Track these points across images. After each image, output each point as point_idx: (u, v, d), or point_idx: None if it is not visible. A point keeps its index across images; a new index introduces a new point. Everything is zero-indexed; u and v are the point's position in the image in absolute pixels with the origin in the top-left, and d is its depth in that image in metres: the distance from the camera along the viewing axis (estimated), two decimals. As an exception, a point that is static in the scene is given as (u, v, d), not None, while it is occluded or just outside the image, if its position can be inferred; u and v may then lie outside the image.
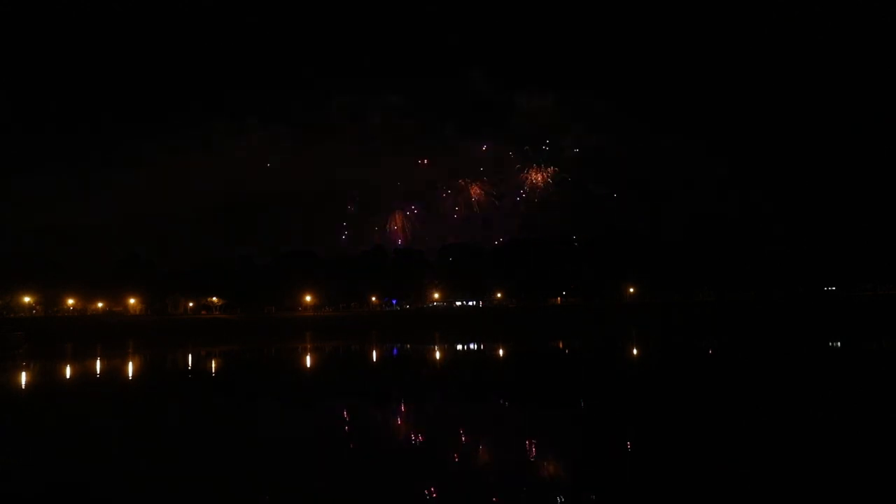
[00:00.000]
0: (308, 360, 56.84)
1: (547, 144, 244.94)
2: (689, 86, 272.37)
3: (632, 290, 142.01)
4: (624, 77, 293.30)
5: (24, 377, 46.54)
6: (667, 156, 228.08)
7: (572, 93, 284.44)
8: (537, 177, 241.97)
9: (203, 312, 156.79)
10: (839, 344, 57.37)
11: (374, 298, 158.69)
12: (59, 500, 15.91)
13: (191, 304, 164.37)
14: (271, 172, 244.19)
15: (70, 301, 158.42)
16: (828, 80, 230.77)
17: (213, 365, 54.73)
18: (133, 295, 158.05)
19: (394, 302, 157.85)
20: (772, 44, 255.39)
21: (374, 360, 56.20)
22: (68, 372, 49.14)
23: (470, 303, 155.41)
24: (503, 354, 58.42)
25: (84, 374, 47.53)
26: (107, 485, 17.06)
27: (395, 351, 64.73)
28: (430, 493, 15.60)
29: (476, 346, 67.67)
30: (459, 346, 67.43)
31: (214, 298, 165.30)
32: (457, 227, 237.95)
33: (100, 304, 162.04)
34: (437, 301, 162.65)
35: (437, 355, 59.10)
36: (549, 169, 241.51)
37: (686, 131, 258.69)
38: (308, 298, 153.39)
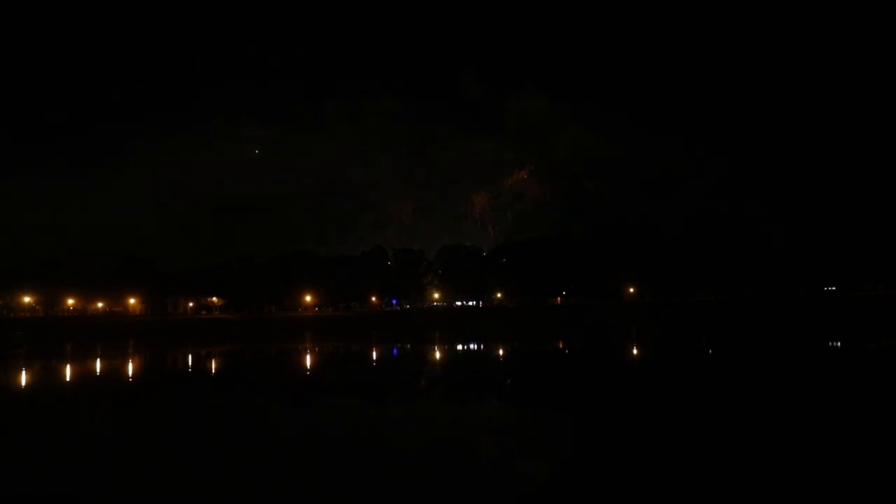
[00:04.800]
0: (308, 361, 56.83)
1: (542, 143, 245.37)
2: (687, 83, 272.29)
3: (632, 289, 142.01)
4: (619, 75, 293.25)
5: (23, 377, 46.54)
6: (664, 153, 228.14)
7: (568, 92, 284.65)
8: (533, 176, 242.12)
9: (203, 312, 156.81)
10: (839, 344, 57.36)
11: (374, 298, 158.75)
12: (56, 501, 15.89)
13: (191, 305, 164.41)
14: (270, 172, 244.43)
15: (70, 301, 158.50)
16: (828, 77, 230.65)
17: (213, 365, 54.72)
18: (133, 295, 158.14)
19: (394, 302, 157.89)
20: (771, 39, 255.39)
21: (375, 360, 56.17)
22: (68, 372, 49.13)
23: (470, 303, 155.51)
24: (503, 355, 58.41)
25: (83, 375, 47.52)
26: (103, 487, 17.03)
27: (395, 351, 64.72)
28: (427, 494, 15.59)
29: (476, 347, 67.67)
30: (460, 347, 67.43)
31: (214, 298, 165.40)
32: (455, 226, 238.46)
33: (100, 304, 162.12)
34: (437, 301, 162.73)
35: (438, 355, 59.11)
36: (545, 168, 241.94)
37: (684, 128, 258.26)
38: (308, 298, 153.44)
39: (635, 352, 56.10)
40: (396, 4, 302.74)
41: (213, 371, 50.08)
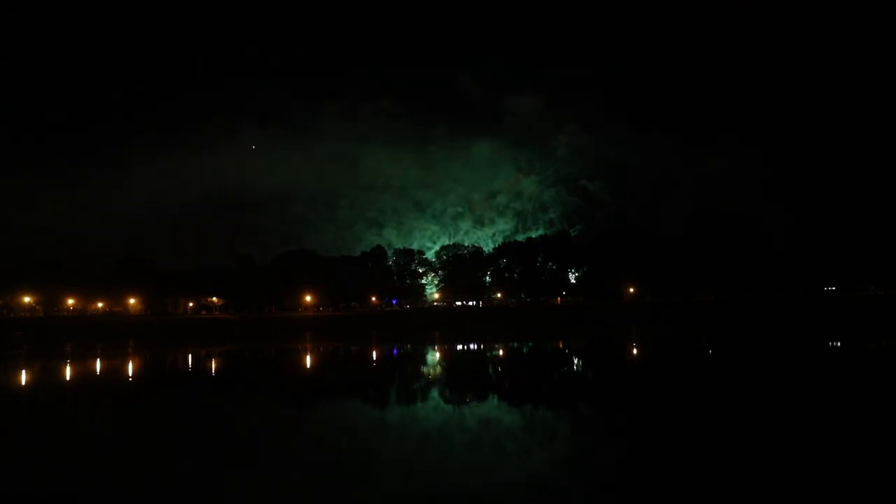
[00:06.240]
0: (308, 361, 56.84)
1: (541, 144, 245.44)
2: (688, 83, 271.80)
3: (632, 289, 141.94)
4: (619, 75, 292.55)
5: (23, 377, 46.53)
6: (664, 154, 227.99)
7: (567, 92, 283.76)
8: (533, 176, 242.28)
9: (203, 313, 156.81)
10: (839, 344, 57.35)
11: (374, 298, 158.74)
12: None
13: (191, 305, 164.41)
14: (270, 172, 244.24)
15: (70, 301, 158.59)
16: (828, 77, 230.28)
17: (213, 365, 54.72)
18: (133, 295, 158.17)
19: (394, 302, 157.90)
20: (771, 39, 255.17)
21: (375, 360, 56.18)
22: (68, 372, 49.12)
23: (470, 303, 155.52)
24: (504, 355, 58.41)
25: (83, 375, 47.52)
26: (103, 487, 17.03)
27: (395, 351, 64.72)
28: (426, 494, 15.58)
29: (476, 347, 67.68)
30: (460, 347, 67.45)
31: (214, 298, 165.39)
32: (455, 226, 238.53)
33: (100, 304, 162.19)
34: (437, 301, 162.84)
35: (438, 355, 59.11)
36: (544, 168, 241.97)
37: (684, 128, 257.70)
38: (308, 298, 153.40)
39: (635, 352, 56.10)
40: (396, 5, 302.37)
41: (213, 371, 50.07)
